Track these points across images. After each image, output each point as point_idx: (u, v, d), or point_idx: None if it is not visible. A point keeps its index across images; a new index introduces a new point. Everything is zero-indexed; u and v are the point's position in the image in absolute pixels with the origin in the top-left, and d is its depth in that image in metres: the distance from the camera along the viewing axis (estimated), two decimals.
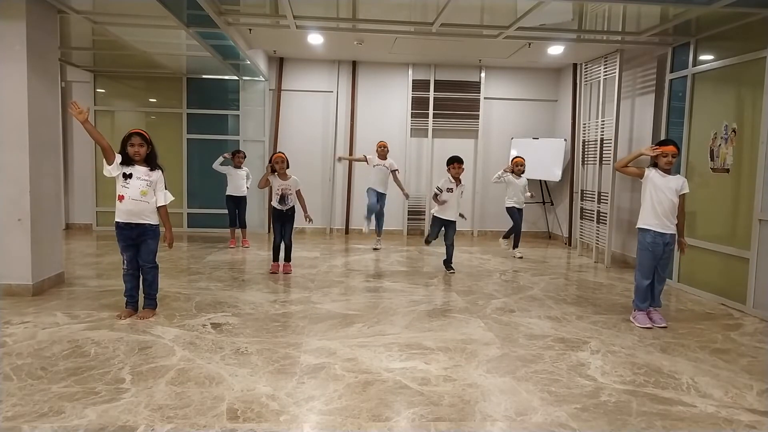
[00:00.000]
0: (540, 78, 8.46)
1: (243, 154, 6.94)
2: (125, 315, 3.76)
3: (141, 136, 3.64)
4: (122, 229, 3.69)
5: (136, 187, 3.63)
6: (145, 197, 3.67)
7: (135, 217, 3.66)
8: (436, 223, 5.67)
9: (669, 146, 3.87)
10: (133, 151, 3.61)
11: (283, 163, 5.20)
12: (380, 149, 6.89)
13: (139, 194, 3.64)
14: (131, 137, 3.62)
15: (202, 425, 2.30)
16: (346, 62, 8.23)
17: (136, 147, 3.61)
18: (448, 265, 5.71)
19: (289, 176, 5.27)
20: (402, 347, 3.32)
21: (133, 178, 3.63)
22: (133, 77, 8.08)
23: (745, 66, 4.56)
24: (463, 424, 2.38)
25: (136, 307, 3.85)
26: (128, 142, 3.61)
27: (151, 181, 3.69)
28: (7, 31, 4.11)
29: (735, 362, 3.25)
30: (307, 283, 5.01)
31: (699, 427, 2.44)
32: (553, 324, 3.91)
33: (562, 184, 7.99)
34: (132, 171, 3.64)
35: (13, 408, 2.40)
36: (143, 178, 3.66)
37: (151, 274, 3.83)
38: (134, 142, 3.61)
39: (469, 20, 5.28)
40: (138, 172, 3.65)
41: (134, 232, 3.70)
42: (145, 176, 3.67)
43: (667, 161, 3.83)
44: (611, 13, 4.93)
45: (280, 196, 5.25)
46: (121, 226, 3.68)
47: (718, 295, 4.72)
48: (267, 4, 5.15)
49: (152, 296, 3.87)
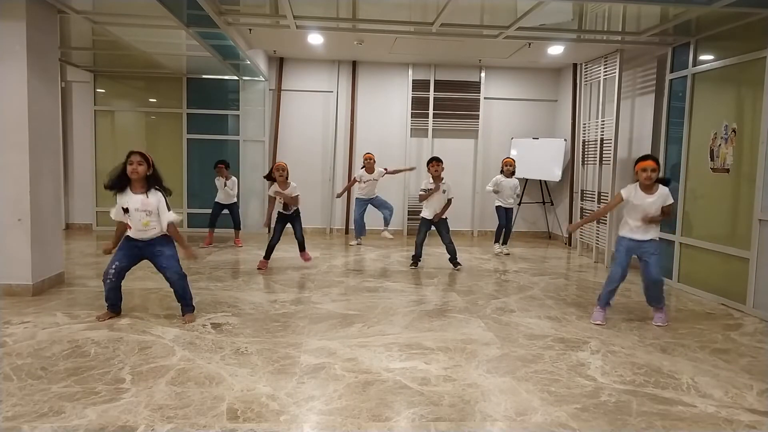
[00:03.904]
0: (540, 78, 8.45)
1: (225, 165, 6.85)
2: (103, 318, 3.72)
3: (141, 155, 3.55)
4: (130, 240, 3.66)
5: (137, 219, 3.57)
6: (148, 227, 3.60)
7: (144, 236, 3.63)
8: (423, 224, 5.75)
9: (647, 161, 3.79)
10: (131, 169, 3.51)
11: (284, 171, 5.33)
12: (367, 162, 6.97)
13: (141, 225, 3.58)
14: (131, 155, 3.54)
15: (202, 425, 2.30)
16: (346, 62, 8.22)
17: (134, 165, 3.51)
18: (455, 262, 5.76)
19: (289, 184, 5.40)
20: (402, 347, 3.32)
21: (131, 211, 3.55)
22: (133, 77, 8.08)
23: (745, 66, 4.56)
24: (463, 424, 2.38)
25: (118, 310, 3.81)
26: (128, 160, 3.53)
27: (150, 210, 3.58)
28: (7, 31, 4.11)
29: (735, 362, 3.25)
30: (307, 283, 5.01)
31: (699, 427, 2.44)
32: (553, 324, 3.91)
33: (562, 184, 7.99)
34: (128, 204, 3.55)
35: (13, 408, 2.40)
36: (141, 210, 3.55)
37: (180, 286, 3.73)
38: (133, 159, 3.52)
39: (469, 20, 5.27)
40: (134, 202, 3.54)
41: (144, 243, 3.66)
42: (143, 207, 3.55)
43: (647, 176, 3.76)
44: (611, 13, 4.93)
45: (283, 204, 5.42)
46: (130, 238, 3.66)
47: (718, 295, 4.72)
48: (267, 4, 5.15)
49: (188, 303, 3.80)
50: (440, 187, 5.64)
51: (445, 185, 5.67)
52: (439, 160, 5.68)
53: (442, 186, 5.65)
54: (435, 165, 5.65)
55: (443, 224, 5.73)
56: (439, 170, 5.64)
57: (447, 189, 5.68)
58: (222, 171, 6.85)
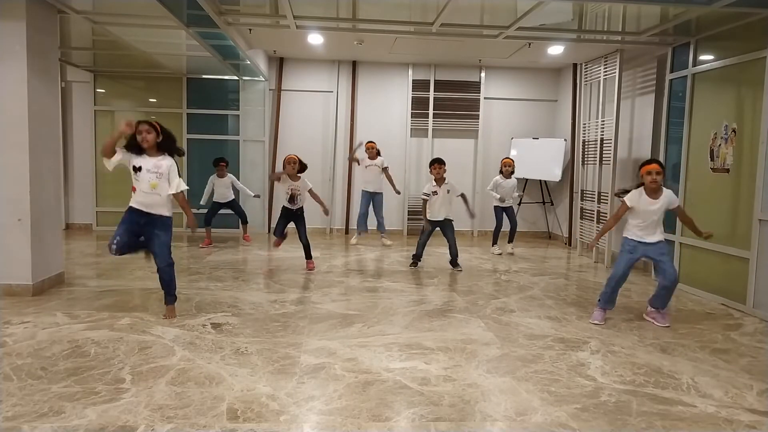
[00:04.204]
0: (540, 78, 8.45)
1: (225, 163, 6.91)
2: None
3: (148, 123, 3.63)
4: (132, 212, 3.69)
5: (146, 180, 3.63)
6: (155, 190, 3.65)
7: (147, 208, 3.67)
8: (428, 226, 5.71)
9: (652, 164, 3.81)
10: (141, 138, 3.60)
11: (295, 164, 5.41)
12: (369, 150, 7.03)
13: (149, 187, 3.63)
14: (139, 124, 3.62)
15: (202, 425, 2.30)
16: (346, 62, 8.22)
17: (143, 134, 3.59)
18: (455, 263, 5.76)
19: (299, 178, 5.46)
20: (402, 347, 3.32)
21: (142, 171, 3.62)
22: (133, 77, 8.07)
23: (745, 66, 4.56)
24: (463, 424, 2.38)
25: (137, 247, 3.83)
26: (137, 130, 3.61)
27: (161, 173, 3.65)
28: (7, 31, 4.11)
29: (735, 362, 3.25)
30: (307, 283, 5.01)
31: (699, 427, 2.44)
32: (553, 324, 3.91)
33: (562, 184, 7.99)
34: (141, 163, 3.63)
35: (13, 408, 2.40)
36: (152, 171, 3.64)
37: (168, 273, 3.79)
38: (141, 129, 3.60)
39: (469, 20, 5.27)
40: (147, 163, 3.64)
41: (143, 218, 3.68)
42: (154, 168, 3.64)
43: (652, 179, 3.77)
44: (611, 13, 4.93)
45: (289, 196, 5.46)
46: (132, 209, 3.68)
47: (719, 295, 4.72)
48: (267, 4, 5.15)
49: (172, 292, 3.85)
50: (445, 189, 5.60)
51: (448, 185, 5.65)
52: (441, 162, 5.64)
53: (445, 186, 5.63)
54: (436, 167, 5.61)
55: (449, 226, 5.70)
56: (441, 172, 5.61)
57: (451, 189, 5.66)
58: (222, 170, 6.87)
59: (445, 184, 5.64)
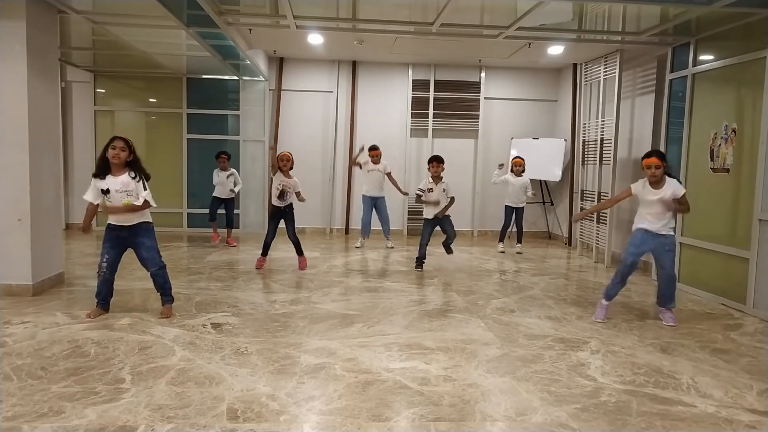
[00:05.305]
0: (540, 78, 8.45)
1: (227, 156, 6.93)
2: (94, 314, 3.75)
3: (123, 141, 3.61)
4: (112, 230, 3.70)
5: (118, 200, 3.61)
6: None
7: (127, 222, 3.68)
8: (427, 225, 5.71)
9: (651, 158, 3.84)
10: (113, 154, 3.56)
11: (288, 161, 5.44)
12: (374, 158, 6.95)
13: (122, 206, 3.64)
14: (113, 140, 3.60)
15: (202, 425, 2.30)
16: (346, 62, 8.22)
17: (117, 150, 3.57)
18: (448, 248, 5.87)
19: (291, 176, 5.48)
20: (402, 347, 3.32)
21: (111, 192, 3.59)
22: (133, 77, 8.08)
23: (745, 66, 4.56)
24: (463, 424, 2.38)
25: (107, 307, 3.85)
26: (110, 146, 3.58)
27: (130, 190, 3.62)
28: (7, 31, 4.11)
29: (735, 362, 3.25)
30: (307, 283, 5.01)
31: (699, 427, 2.44)
32: (553, 324, 3.91)
33: (562, 184, 7.99)
34: (108, 185, 3.59)
35: (13, 408, 2.40)
36: (121, 190, 3.60)
37: (161, 276, 3.81)
38: (116, 145, 3.57)
39: (469, 20, 5.27)
40: (114, 184, 3.60)
41: (125, 231, 3.69)
42: (123, 187, 3.60)
43: (651, 173, 3.82)
44: (611, 13, 4.93)
45: (280, 191, 5.42)
46: (112, 227, 3.70)
47: (719, 295, 4.71)
48: (267, 4, 5.15)
49: (168, 293, 3.87)
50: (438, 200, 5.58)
51: (444, 184, 5.65)
52: (440, 160, 5.64)
53: (441, 185, 5.63)
54: (435, 165, 5.61)
55: (447, 221, 5.71)
56: (439, 170, 5.61)
57: (447, 188, 5.66)
58: (224, 162, 6.86)
59: (441, 183, 5.63)
